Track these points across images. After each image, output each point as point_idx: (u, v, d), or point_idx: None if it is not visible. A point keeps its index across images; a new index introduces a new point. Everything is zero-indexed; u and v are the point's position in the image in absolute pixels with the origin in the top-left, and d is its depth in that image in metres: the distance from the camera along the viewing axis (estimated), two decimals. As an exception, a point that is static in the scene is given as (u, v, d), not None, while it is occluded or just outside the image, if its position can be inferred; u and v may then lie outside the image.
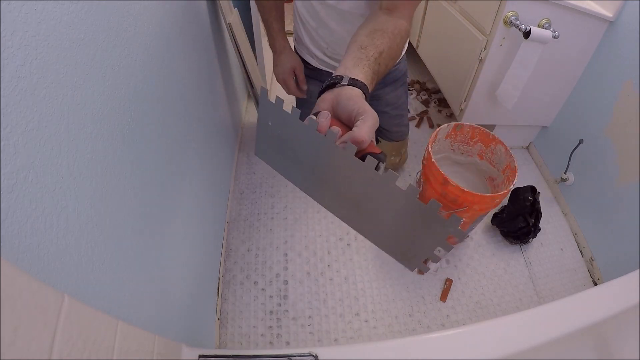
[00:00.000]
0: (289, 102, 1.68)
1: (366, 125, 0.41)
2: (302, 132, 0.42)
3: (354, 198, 0.43)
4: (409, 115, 1.74)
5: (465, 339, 0.64)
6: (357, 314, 1.12)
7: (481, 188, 1.15)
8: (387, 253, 0.46)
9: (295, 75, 1.03)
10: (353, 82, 0.47)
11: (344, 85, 0.47)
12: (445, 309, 1.14)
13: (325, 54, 1.13)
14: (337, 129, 0.40)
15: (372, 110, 0.43)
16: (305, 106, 1.16)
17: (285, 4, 1.07)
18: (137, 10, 0.59)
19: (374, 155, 0.39)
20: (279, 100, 0.42)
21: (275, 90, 1.78)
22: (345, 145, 0.38)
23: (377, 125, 0.43)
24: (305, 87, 1.07)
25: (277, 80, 1.04)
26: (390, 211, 0.41)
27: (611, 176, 1.18)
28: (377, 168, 0.38)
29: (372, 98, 1.23)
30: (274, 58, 1.04)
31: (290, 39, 1.09)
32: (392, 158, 1.37)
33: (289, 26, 1.09)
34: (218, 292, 1.11)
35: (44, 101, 0.37)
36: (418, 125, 1.70)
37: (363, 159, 0.39)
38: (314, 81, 1.10)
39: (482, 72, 1.27)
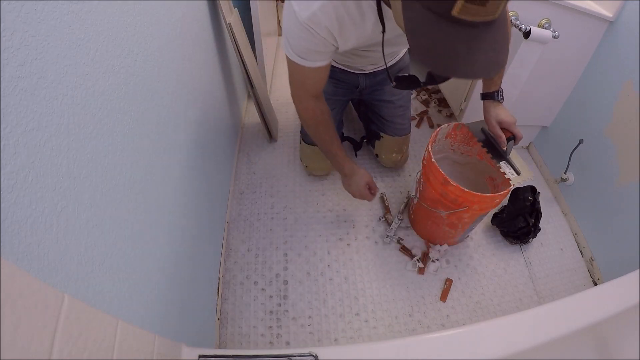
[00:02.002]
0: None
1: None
2: None
3: None
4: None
5: (465, 339, 0.64)
6: (357, 314, 1.12)
7: (481, 188, 1.15)
8: None
9: (369, 187, 1.11)
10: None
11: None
12: (445, 309, 1.14)
13: (340, 63, 1.14)
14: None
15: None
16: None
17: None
18: (137, 10, 0.59)
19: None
20: None
21: (276, 90, 1.78)
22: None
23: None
24: (377, 191, 1.16)
25: (353, 196, 1.14)
26: None
27: (611, 176, 1.18)
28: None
29: (378, 88, 1.23)
30: (344, 179, 1.12)
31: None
32: (394, 155, 1.37)
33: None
34: (218, 292, 1.11)
35: (44, 101, 0.37)
36: (418, 125, 1.70)
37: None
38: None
39: (482, 72, 1.26)
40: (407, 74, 0.83)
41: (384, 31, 0.76)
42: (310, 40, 0.76)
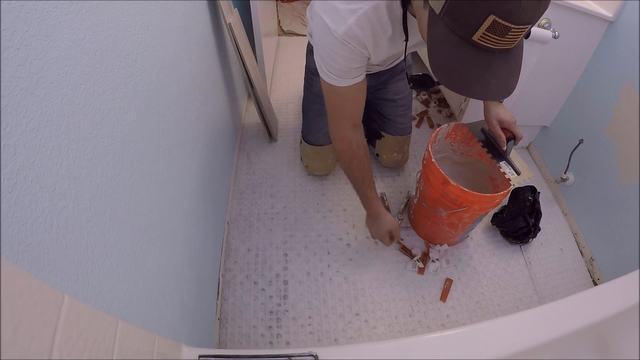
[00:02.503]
0: (293, 99, 1.68)
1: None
2: None
3: None
4: (409, 115, 1.74)
5: (465, 339, 0.64)
6: (357, 314, 1.12)
7: (481, 188, 1.15)
8: None
9: (391, 235, 1.10)
10: None
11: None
12: (445, 309, 1.14)
13: None
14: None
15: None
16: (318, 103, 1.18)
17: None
18: (137, 11, 0.59)
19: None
20: None
21: (276, 90, 1.78)
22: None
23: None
24: (400, 240, 1.21)
25: (372, 236, 1.13)
26: None
27: (611, 176, 1.18)
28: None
29: (382, 87, 1.23)
30: (369, 219, 1.10)
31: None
32: (395, 155, 1.38)
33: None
34: (218, 292, 1.11)
35: (44, 101, 0.37)
36: (418, 125, 1.70)
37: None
38: None
39: (482, 72, 1.27)
40: (420, 74, 0.83)
41: (406, 40, 0.77)
42: (348, 56, 0.75)
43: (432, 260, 1.22)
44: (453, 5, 0.52)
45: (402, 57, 1.18)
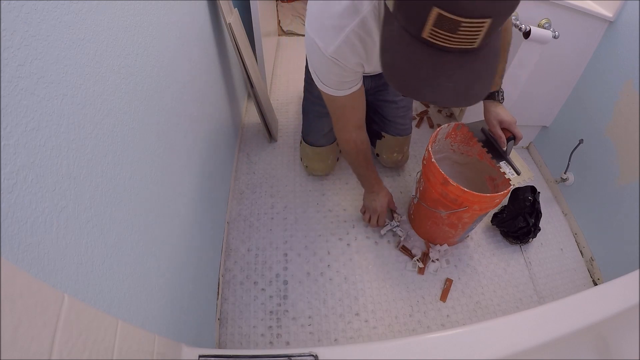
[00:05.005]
0: (293, 99, 1.68)
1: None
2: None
3: None
4: (409, 115, 1.74)
5: (465, 339, 0.64)
6: (357, 314, 1.12)
7: (481, 188, 1.15)
8: None
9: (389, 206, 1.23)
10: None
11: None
12: (445, 309, 1.14)
13: None
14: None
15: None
16: (318, 104, 1.18)
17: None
18: (137, 11, 0.59)
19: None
20: None
21: (276, 90, 1.78)
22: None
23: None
24: (397, 214, 1.30)
25: (368, 209, 1.24)
26: None
27: (611, 176, 1.18)
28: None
29: (382, 89, 1.24)
30: (369, 195, 1.22)
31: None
32: (395, 155, 1.38)
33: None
34: (218, 292, 1.11)
35: (44, 101, 0.37)
36: (418, 125, 1.70)
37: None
38: None
39: (482, 72, 1.27)
40: None
41: None
42: (339, 73, 0.76)
43: (432, 260, 1.22)
44: (403, 0, 0.47)
45: None
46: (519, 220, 1.23)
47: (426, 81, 0.51)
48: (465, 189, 0.92)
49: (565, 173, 1.36)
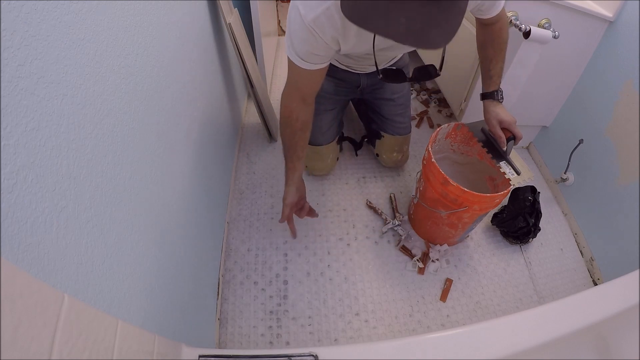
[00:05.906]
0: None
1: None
2: None
3: None
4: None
5: (465, 339, 0.64)
6: (357, 314, 1.12)
7: (481, 188, 1.15)
8: None
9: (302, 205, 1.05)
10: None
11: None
12: (445, 309, 1.14)
13: (343, 63, 1.14)
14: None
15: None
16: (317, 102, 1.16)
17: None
18: (137, 11, 0.59)
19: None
20: None
21: (276, 90, 1.78)
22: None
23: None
24: (315, 216, 1.11)
25: (286, 204, 1.02)
26: None
27: (611, 176, 1.18)
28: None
29: (379, 87, 1.24)
30: (287, 188, 1.01)
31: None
32: (395, 154, 1.37)
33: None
34: (218, 292, 1.11)
35: (44, 101, 0.37)
36: (418, 125, 1.70)
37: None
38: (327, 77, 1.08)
39: (482, 72, 1.27)
40: (394, 68, 0.82)
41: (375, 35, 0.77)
42: (312, 44, 0.77)
43: (432, 260, 1.22)
44: None
45: (399, 56, 1.18)
46: (519, 220, 1.23)
47: (378, 12, 0.50)
48: (465, 189, 0.92)
49: (565, 173, 1.36)
